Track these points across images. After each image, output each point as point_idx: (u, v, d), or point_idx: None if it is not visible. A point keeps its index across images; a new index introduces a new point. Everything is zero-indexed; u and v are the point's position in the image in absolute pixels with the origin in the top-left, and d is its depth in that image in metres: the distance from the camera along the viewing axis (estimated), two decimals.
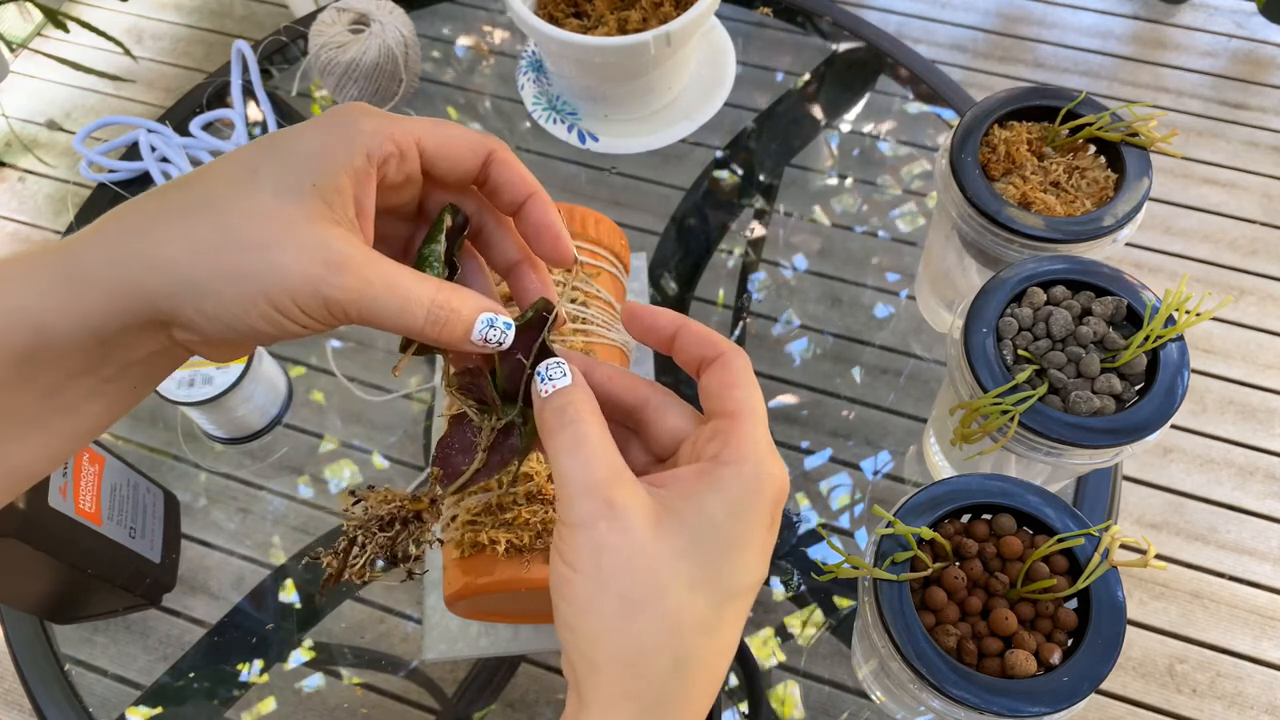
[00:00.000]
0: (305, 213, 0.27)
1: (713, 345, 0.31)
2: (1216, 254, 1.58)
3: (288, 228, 0.27)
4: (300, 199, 0.27)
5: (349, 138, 0.29)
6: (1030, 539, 0.50)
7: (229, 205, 0.27)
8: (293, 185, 0.27)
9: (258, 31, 1.94)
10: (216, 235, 0.26)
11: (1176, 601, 1.29)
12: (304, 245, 0.26)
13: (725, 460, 0.29)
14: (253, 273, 0.26)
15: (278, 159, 0.28)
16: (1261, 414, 1.42)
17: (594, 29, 0.80)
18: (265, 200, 0.27)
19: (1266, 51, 1.81)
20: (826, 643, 0.65)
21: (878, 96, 0.92)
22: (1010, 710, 0.45)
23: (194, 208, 0.27)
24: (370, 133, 0.29)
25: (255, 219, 0.26)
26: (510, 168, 0.32)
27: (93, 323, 0.26)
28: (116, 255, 0.26)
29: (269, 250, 0.26)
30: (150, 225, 0.27)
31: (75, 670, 0.66)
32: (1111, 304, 0.54)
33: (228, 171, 0.28)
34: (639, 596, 0.26)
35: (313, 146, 0.28)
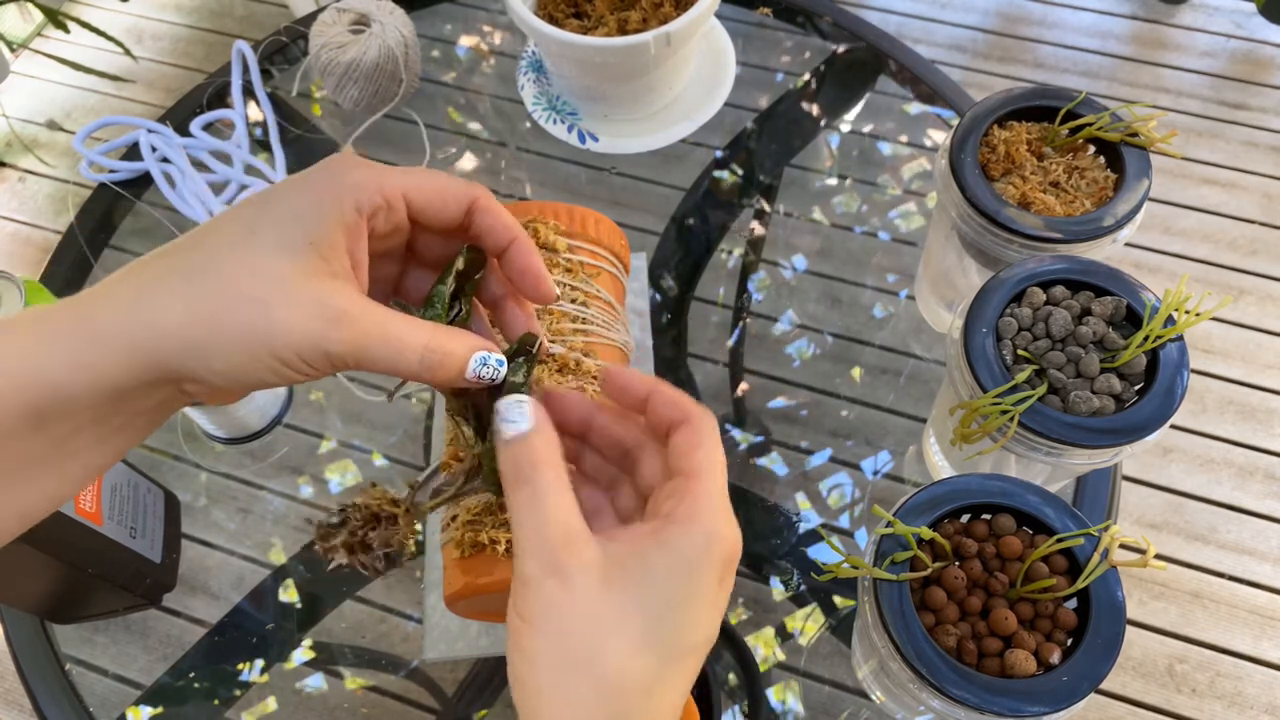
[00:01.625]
0: (303, 269, 0.29)
1: (682, 409, 0.32)
2: (1216, 254, 1.58)
3: (287, 285, 0.28)
4: (296, 256, 0.29)
5: (339, 193, 0.30)
6: (1030, 539, 0.50)
7: (230, 266, 0.28)
8: (289, 243, 0.29)
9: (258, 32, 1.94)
10: (220, 298, 0.28)
11: (1176, 601, 1.29)
12: (303, 302, 0.28)
13: (677, 519, 0.29)
14: (255, 331, 0.28)
15: (273, 217, 0.29)
16: (1261, 414, 1.42)
17: (594, 29, 0.80)
18: (264, 259, 0.28)
19: (1266, 52, 1.81)
20: (826, 642, 0.65)
21: (877, 97, 0.92)
22: (1010, 710, 0.45)
23: (197, 271, 0.29)
24: (359, 186, 0.30)
25: (255, 278, 0.28)
26: (492, 215, 0.33)
27: (105, 381, 0.28)
28: (126, 319, 0.28)
29: (270, 308, 0.28)
30: (156, 290, 0.28)
31: (76, 670, 0.66)
32: (1111, 304, 0.54)
33: (227, 232, 0.29)
34: (581, 656, 0.27)
35: (306, 203, 0.30)
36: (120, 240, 0.86)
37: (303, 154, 0.89)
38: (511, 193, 0.89)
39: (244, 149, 0.87)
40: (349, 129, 0.90)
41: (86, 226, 0.85)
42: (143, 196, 0.87)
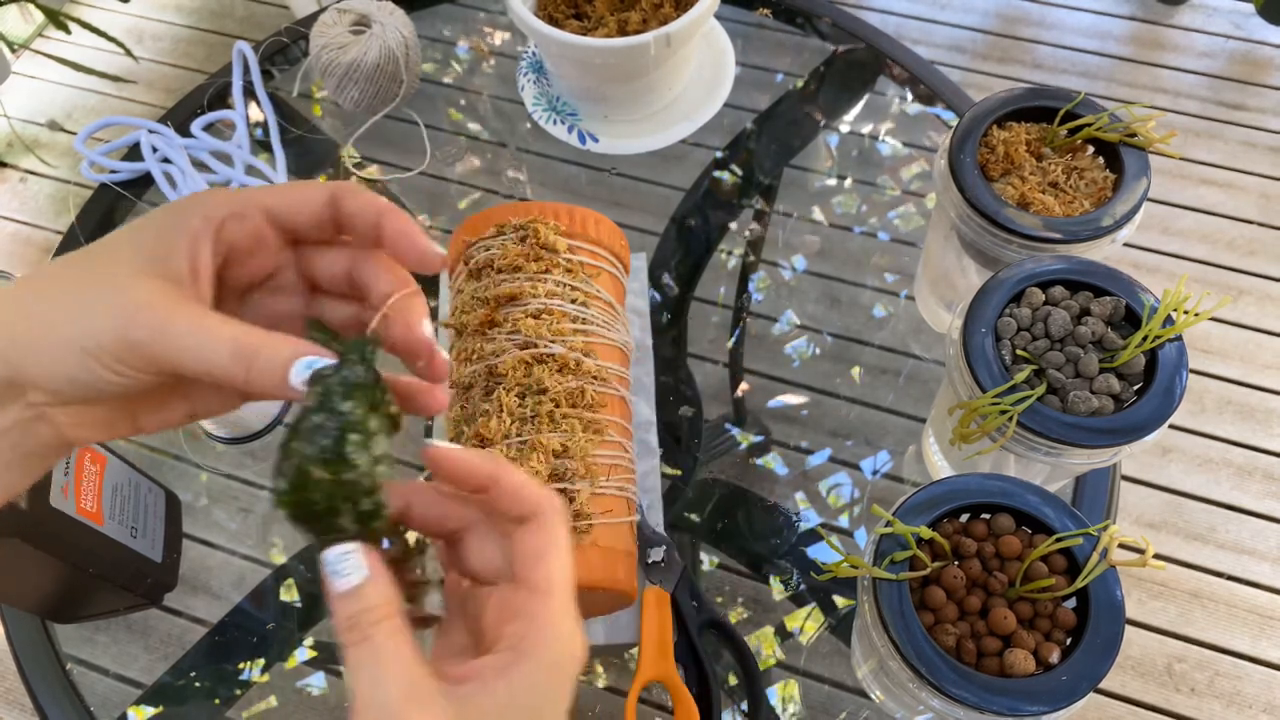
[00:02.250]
0: (127, 270, 0.28)
1: (530, 503, 0.30)
2: (1214, 254, 1.58)
3: (105, 281, 0.28)
4: (126, 260, 0.29)
5: (187, 207, 0.30)
6: (1029, 538, 0.50)
7: (71, 273, 0.29)
8: (127, 249, 0.29)
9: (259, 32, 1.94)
10: (47, 298, 0.28)
11: (1175, 601, 1.29)
12: (115, 293, 0.28)
13: (526, 651, 0.28)
14: (71, 324, 0.27)
15: (127, 231, 0.30)
16: (1260, 414, 1.43)
17: (594, 30, 0.80)
18: (101, 263, 0.29)
19: (1264, 52, 1.81)
20: (826, 642, 0.65)
21: (877, 97, 0.92)
22: (1009, 709, 0.45)
23: (45, 282, 0.29)
24: (209, 202, 0.30)
25: (83, 280, 0.28)
26: (357, 197, 0.32)
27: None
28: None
29: (86, 302, 0.28)
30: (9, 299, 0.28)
31: (76, 669, 0.66)
32: (1110, 304, 0.55)
33: (86, 249, 0.30)
34: None
35: (158, 217, 0.30)
36: None
37: (303, 154, 0.89)
38: (512, 193, 0.89)
39: (245, 149, 0.87)
40: (349, 129, 0.90)
41: (87, 227, 0.85)
42: (144, 197, 0.87)
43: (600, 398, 0.57)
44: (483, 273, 0.61)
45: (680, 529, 0.69)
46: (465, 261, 0.62)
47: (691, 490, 0.71)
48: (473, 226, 0.63)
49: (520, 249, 0.60)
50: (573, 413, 0.55)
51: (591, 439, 0.55)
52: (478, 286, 0.60)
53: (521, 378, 0.55)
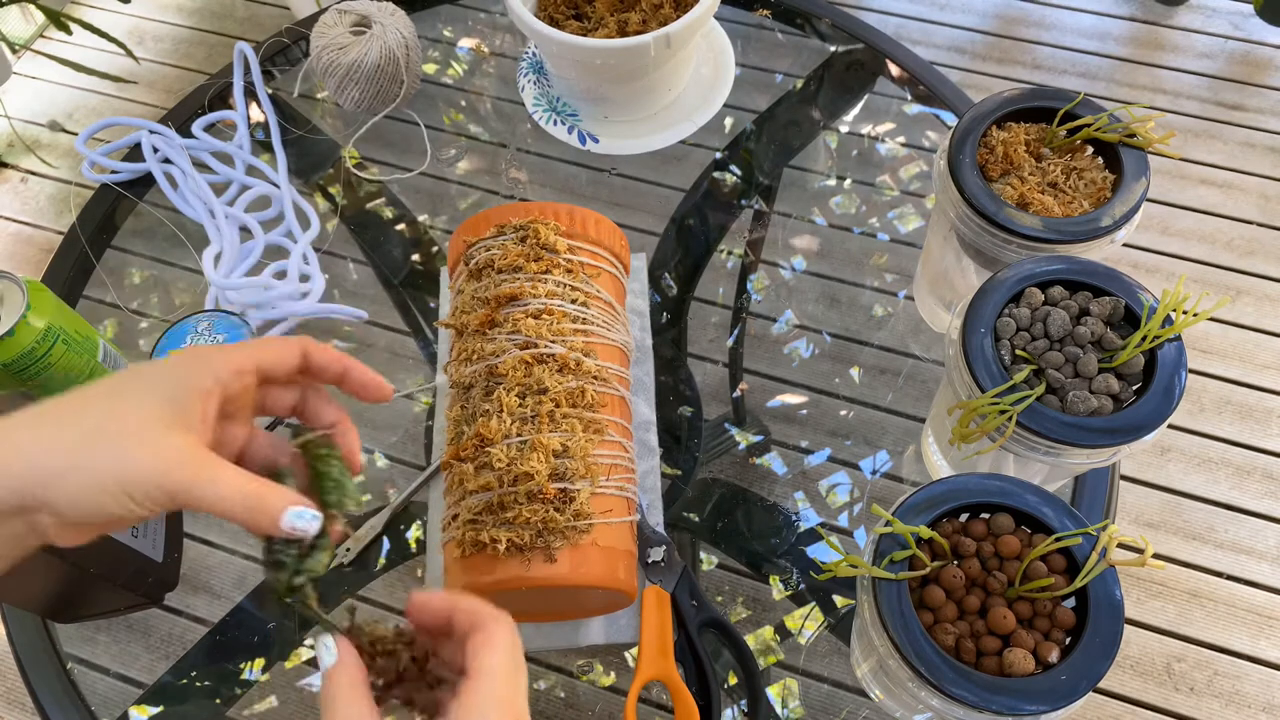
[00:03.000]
0: (159, 418, 0.33)
1: (479, 618, 0.36)
2: (1213, 254, 1.58)
3: (144, 430, 0.33)
4: (155, 408, 0.34)
5: (200, 366, 0.36)
6: (1028, 538, 0.50)
7: (95, 413, 0.33)
8: (151, 399, 0.34)
9: (259, 33, 1.94)
10: (81, 433, 0.32)
11: (1174, 600, 1.29)
12: (154, 444, 0.33)
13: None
14: (110, 464, 0.32)
15: (141, 381, 0.35)
16: (1259, 414, 1.43)
17: (594, 31, 0.80)
18: (126, 407, 0.33)
19: (1263, 53, 1.81)
20: (825, 641, 0.65)
21: (876, 98, 0.92)
22: (1008, 709, 0.45)
23: (67, 414, 0.33)
24: (219, 362, 0.36)
25: (115, 420, 0.33)
26: (322, 352, 0.40)
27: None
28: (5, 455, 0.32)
29: (125, 446, 0.32)
30: (26, 426, 0.33)
31: (77, 669, 0.66)
32: (1109, 304, 0.55)
33: (98, 389, 0.34)
34: None
35: (173, 372, 0.35)
36: (122, 241, 0.86)
37: (304, 154, 0.90)
38: (512, 194, 0.89)
39: (245, 150, 0.87)
40: (350, 130, 0.90)
41: (88, 227, 0.85)
42: (144, 197, 0.87)
43: (600, 397, 0.57)
44: (483, 273, 0.61)
45: (680, 529, 0.69)
46: (465, 262, 0.62)
47: (691, 490, 0.71)
48: (473, 227, 0.63)
49: (520, 249, 0.60)
50: (573, 412, 0.55)
51: (591, 439, 0.55)
52: (478, 286, 0.60)
53: (522, 378, 0.55)
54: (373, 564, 0.69)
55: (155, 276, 0.85)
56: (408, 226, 0.87)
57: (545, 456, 0.53)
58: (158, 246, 0.85)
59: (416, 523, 0.70)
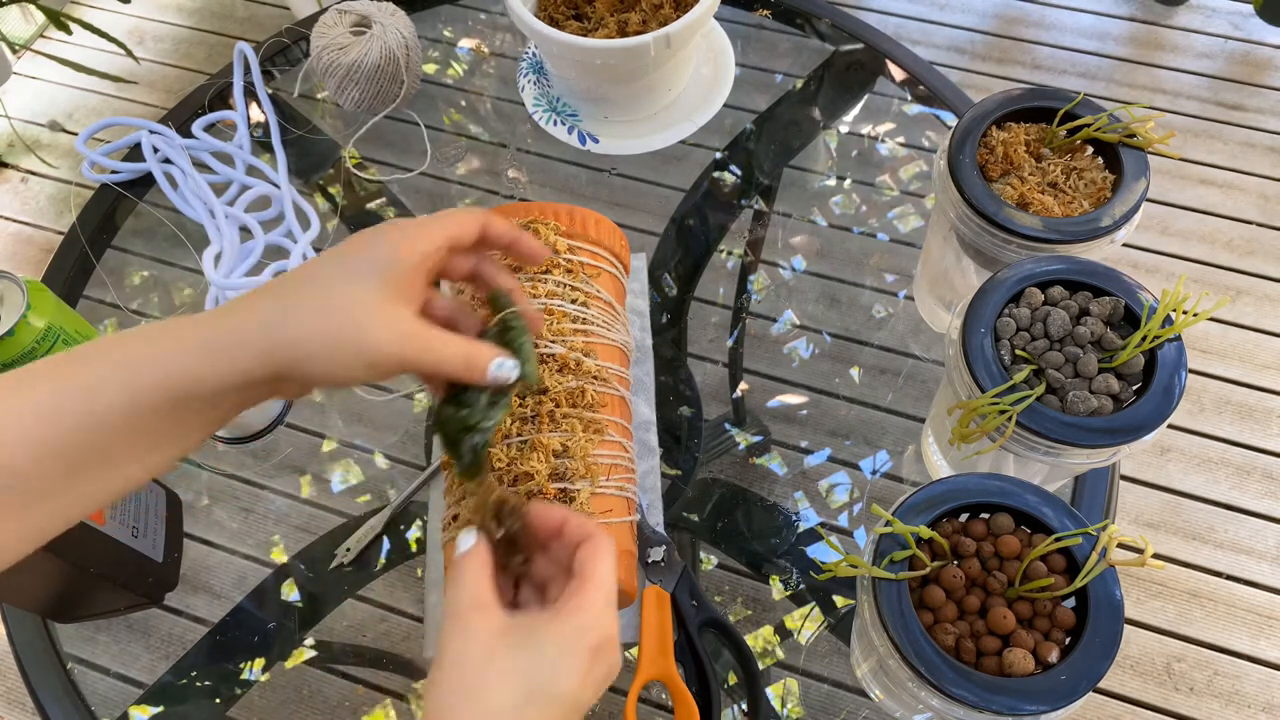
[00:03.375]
0: (389, 299, 0.40)
1: (588, 531, 0.42)
2: (1213, 254, 1.58)
3: (377, 312, 0.39)
4: (383, 290, 0.40)
5: (409, 245, 0.41)
6: (1028, 538, 0.50)
7: (338, 298, 0.39)
8: (378, 282, 0.40)
9: (259, 33, 1.94)
10: (327, 318, 0.38)
11: (1174, 600, 1.29)
12: (390, 325, 0.39)
13: (566, 610, 0.39)
14: (356, 345, 0.39)
15: (366, 263, 0.40)
16: (1259, 414, 1.43)
17: (594, 31, 0.80)
18: (362, 293, 0.39)
19: (1263, 53, 1.82)
20: (825, 641, 0.65)
21: (876, 98, 0.92)
22: (1008, 708, 0.45)
23: (316, 301, 0.39)
24: (422, 239, 0.42)
25: (352, 304, 0.39)
26: (497, 225, 0.45)
27: (241, 377, 0.38)
28: (266, 332, 0.38)
29: (366, 329, 0.39)
30: (287, 312, 0.38)
31: (78, 669, 0.66)
32: (1109, 304, 0.55)
33: (333, 271, 0.40)
34: (470, 687, 0.37)
35: (389, 253, 0.40)
36: (122, 240, 0.86)
37: (304, 155, 0.90)
38: (512, 194, 0.89)
39: (245, 150, 0.87)
40: (350, 130, 0.90)
41: (88, 227, 0.85)
42: (144, 197, 0.87)
43: (600, 397, 0.57)
44: None
45: (680, 529, 0.69)
46: None
47: (691, 490, 0.71)
48: None
49: None
50: (573, 412, 0.55)
51: (591, 438, 0.55)
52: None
53: None
54: (373, 564, 0.69)
55: (155, 276, 0.85)
56: None
57: (545, 456, 0.53)
58: (158, 246, 0.85)
59: (416, 522, 0.70)
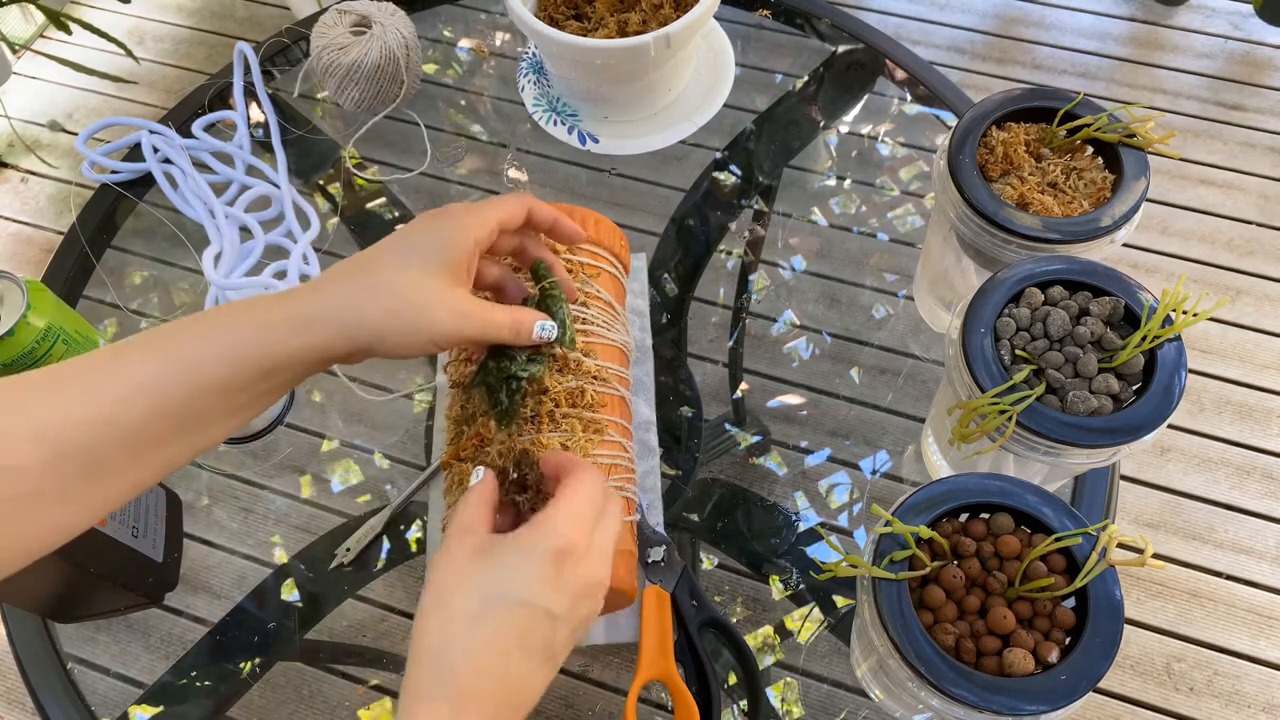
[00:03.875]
0: (445, 282, 0.45)
1: (574, 464, 0.46)
2: (1213, 254, 1.58)
3: (437, 295, 0.45)
4: (441, 275, 0.45)
5: (464, 231, 0.46)
6: (1028, 538, 0.50)
7: (402, 284, 0.44)
8: (435, 267, 0.45)
9: (259, 33, 1.94)
10: (399, 303, 0.44)
11: (1174, 600, 1.29)
12: (449, 306, 0.45)
13: (528, 525, 0.42)
14: (420, 325, 0.44)
15: (424, 249, 0.45)
16: (1259, 414, 1.43)
17: (594, 31, 0.80)
18: (420, 277, 0.45)
19: (1263, 53, 1.82)
20: (825, 641, 0.65)
21: (876, 98, 0.92)
22: (1008, 708, 0.45)
23: (383, 285, 0.44)
24: (476, 225, 0.47)
25: (419, 291, 0.44)
26: (540, 208, 0.51)
27: (319, 353, 0.43)
28: (341, 313, 0.43)
29: (429, 311, 0.44)
30: (359, 295, 0.44)
31: (77, 669, 0.66)
32: (1109, 304, 0.55)
33: (395, 257, 0.45)
34: (441, 600, 0.40)
35: (442, 239, 0.46)
36: (122, 240, 0.86)
37: (304, 155, 0.90)
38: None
39: (245, 150, 0.88)
40: (350, 130, 0.90)
41: (88, 227, 0.85)
42: (144, 197, 0.87)
43: (600, 397, 0.57)
44: None
45: (680, 529, 0.69)
46: None
47: (691, 490, 0.71)
48: None
49: None
50: (573, 412, 0.55)
51: (591, 438, 0.55)
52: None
53: None
54: (373, 564, 0.69)
55: (155, 276, 0.85)
56: None
57: None
58: (158, 246, 0.85)
59: (416, 522, 0.70)
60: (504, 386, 0.51)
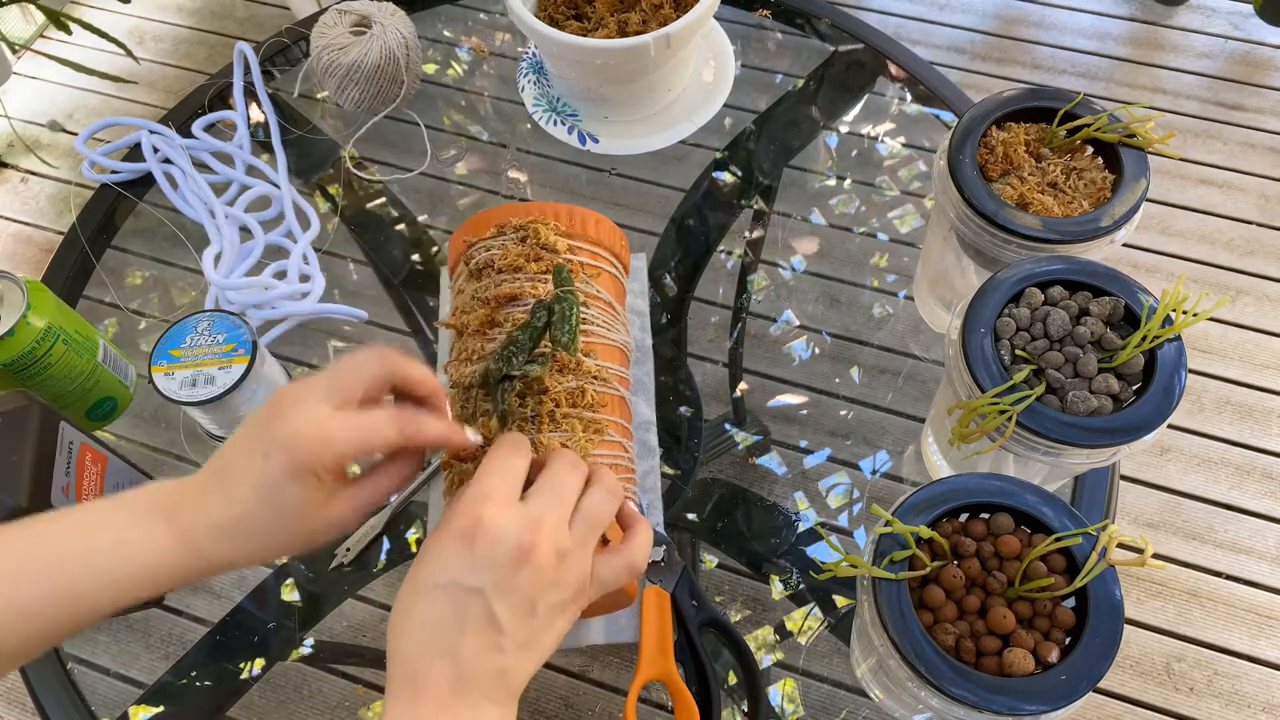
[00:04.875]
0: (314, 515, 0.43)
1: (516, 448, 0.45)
2: (1213, 254, 1.58)
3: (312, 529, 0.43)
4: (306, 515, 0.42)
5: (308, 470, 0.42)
6: (1028, 538, 0.50)
7: (277, 529, 0.42)
8: (297, 511, 0.42)
9: (259, 33, 1.94)
10: (283, 544, 0.43)
11: (1174, 600, 1.29)
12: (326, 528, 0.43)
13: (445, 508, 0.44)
14: (310, 545, 0.43)
15: (279, 497, 0.42)
16: (1258, 414, 1.43)
17: (594, 31, 0.80)
18: (293, 523, 0.42)
19: (1263, 53, 1.82)
20: (825, 641, 0.65)
21: (876, 98, 0.92)
22: (1008, 708, 0.45)
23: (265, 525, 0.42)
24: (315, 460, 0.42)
25: (295, 533, 0.43)
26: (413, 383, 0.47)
27: (187, 575, 0.42)
28: (228, 557, 0.42)
29: (311, 539, 0.43)
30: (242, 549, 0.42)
31: (78, 669, 0.66)
32: (1109, 304, 0.55)
33: (260, 505, 0.42)
34: (397, 599, 0.42)
35: (292, 488, 0.42)
36: (122, 240, 0.86)
37: (304, 155, 0.90)
38: (512, 194, 0.89)
39: (245, 150, 0.88)
40: (350, 130, 0.90)
41: (88, 227, 0.85)
42: (144, 197, 0.87)
43: (600, 397, 0.57)
44: (483, 273, 0.61)
45: (680, 529, 0.69)
46: (466, 262, 0.62)
47: (691, 490, 0.71)
48: (473, 227, 0.63)
49: (521, 249, 0.60)
50: (573, 412, 0.55)
51: (592, 439, 0.55)
52: (478, 287, 0.60)
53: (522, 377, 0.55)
54: (373, 564, 0.69)
55: (155, 276, 0.85)
56: (408, 226, 0.87)
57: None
58: (158, 246, 0.85)
59: (416, 522, 0.70)
60: (503, 387, 0.52)
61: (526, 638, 0.41)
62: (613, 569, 0.45)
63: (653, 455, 0.69)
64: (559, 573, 0.42)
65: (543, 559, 0.41)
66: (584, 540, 0.43)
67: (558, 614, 0.42)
